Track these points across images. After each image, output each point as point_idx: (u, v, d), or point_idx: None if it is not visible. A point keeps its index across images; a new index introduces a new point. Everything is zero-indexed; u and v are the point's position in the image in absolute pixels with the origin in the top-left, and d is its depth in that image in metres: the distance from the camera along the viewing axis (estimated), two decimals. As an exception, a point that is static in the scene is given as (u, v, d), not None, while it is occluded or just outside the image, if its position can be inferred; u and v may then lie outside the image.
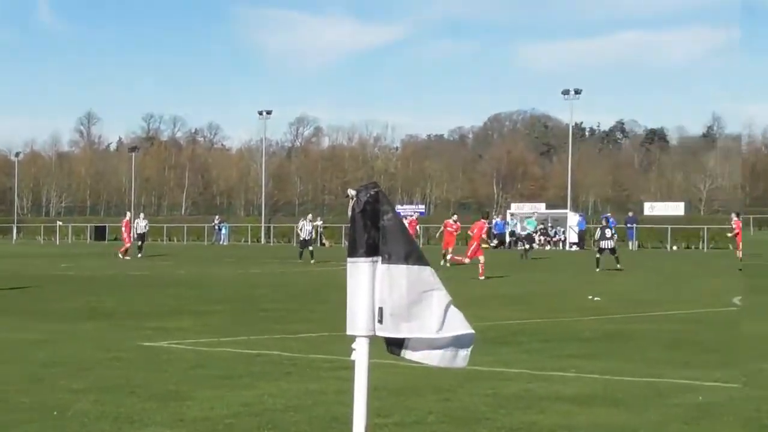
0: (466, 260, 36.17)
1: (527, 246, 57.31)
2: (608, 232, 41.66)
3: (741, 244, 44.15)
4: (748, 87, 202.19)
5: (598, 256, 41.34)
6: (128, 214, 58.62)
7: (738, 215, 49.06)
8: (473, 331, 5.12)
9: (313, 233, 52.05)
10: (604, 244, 41.41)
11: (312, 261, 46.54)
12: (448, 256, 39.93)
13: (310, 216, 53.02)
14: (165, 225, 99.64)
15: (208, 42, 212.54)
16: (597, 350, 15.02)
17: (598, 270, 39.53)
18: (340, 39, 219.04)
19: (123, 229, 55.94)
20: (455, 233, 45.38)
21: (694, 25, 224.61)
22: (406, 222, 43.87)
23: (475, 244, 36.15)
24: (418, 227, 49.48)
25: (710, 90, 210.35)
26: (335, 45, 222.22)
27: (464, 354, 5.18)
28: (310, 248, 48.66)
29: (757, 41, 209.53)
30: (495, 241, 71.83)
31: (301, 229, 50.47)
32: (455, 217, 49.17)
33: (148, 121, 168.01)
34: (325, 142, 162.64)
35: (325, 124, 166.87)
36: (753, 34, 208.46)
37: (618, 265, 39.93)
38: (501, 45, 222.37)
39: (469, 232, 39.82)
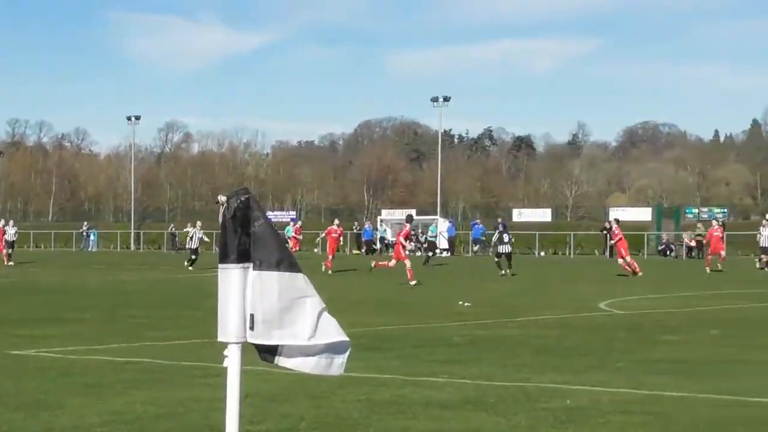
0: (391, 264, 36.23)
1: (430, 253, 57.28)
2: (505, 237, 42.30)
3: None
4: (610, 95, 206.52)
5: (497, 260, 41.96)
6: (1, 221, 57.06)
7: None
8: (348, 339, 5.10)
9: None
10: (501, 248, 42.05)
11: (189, 267, 46.14)
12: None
13: (199, 223, 52.27)
14: (32, 231, 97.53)
15: (76, 46, 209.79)
16: (468, 355, 15.13)
17: (503, 273, 40.15)
18: (211, 44, 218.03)
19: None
20: (339, 238, 45.56)
21: (560, 34, 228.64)
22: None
23: (400, 247, 36.30)
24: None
25: (575, 98, 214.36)
26: (206, 50, 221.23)
27: (340, 362, 5.17)
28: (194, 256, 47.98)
29: (618, 51, 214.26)
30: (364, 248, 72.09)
31: (191, 238, 49.91)
32: (337, 221, 49.34)
33: (13, 126, 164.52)
34: (195, 148, 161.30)
35: (194, 130, 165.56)
36: (614, 44, 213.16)
37: (509, 270, 40.58)
38: (371, 52, 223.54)
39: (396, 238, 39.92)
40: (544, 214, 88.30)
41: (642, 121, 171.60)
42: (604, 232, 69.05)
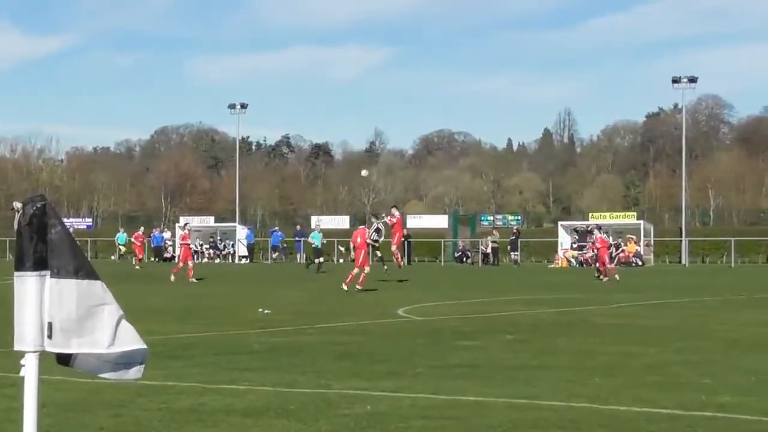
0: (355, 271, 35.77)
1: (321, 260, 56.15)
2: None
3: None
4: (407, 103, 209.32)
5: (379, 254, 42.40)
6: None
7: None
8: (146, 346, 5.02)
9: None
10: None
11: None
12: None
13: None
14: None
15: None
16: (268, 362, 15.08)
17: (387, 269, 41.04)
18: (3, 49, 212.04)
19: None
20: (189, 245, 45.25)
21: (358, 43, 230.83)
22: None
23: (363, 252, 36.16)
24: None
25: (373, 106, 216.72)
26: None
27: (138, 368, 5.07)
28: None
29: (414, 60, 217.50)
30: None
31: None
32: (189, 226, 49.03)
33: None
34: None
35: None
36: (411, 53, 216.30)
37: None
38: (169, 58, 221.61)
39: (352, 242, 39.26)
40: (342, 221, 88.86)
41: (437, 129, 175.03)
42: (402, 239, 70.02)
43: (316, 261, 54.06)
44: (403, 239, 45.07)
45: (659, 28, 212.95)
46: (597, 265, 46.41)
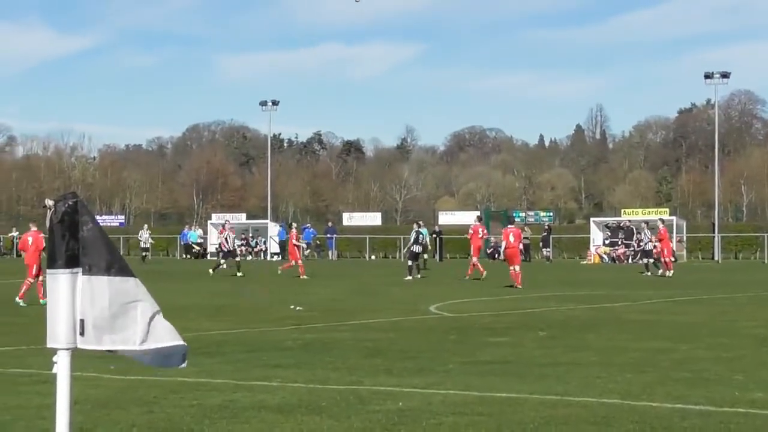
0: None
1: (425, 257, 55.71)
2: (420, 238, 43.53)
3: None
4: (438, 100, 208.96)
5: (410, 263, 42.50)
6: None
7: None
8: (184, 343, 5.03)
9: None
10: (416, 248, 43.16)
11: None
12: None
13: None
14: None
15: None
16: (300, 359, 15.13)
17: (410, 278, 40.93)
18: (36, 46, 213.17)
19: None
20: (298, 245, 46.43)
21: (389, 39, 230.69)
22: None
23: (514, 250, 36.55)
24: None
25: (404, 103, 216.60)
26: (30, 52, 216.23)
27: (179, 357, 5.07)
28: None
29: (445, 56, 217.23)
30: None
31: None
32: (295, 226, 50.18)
33: None
34: (20, 152, 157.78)
35: (19, 133, 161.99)
36: (441, 49, 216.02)
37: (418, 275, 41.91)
38: (199, 55, 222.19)
39: (504, 240, 39.34)
40: (374, 218, 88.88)
41: (469, 125, 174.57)
42: (434, 235, 70.02)
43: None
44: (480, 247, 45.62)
45: (691, 23, 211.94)
46: (662, 259, 45.67)
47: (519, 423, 9.90)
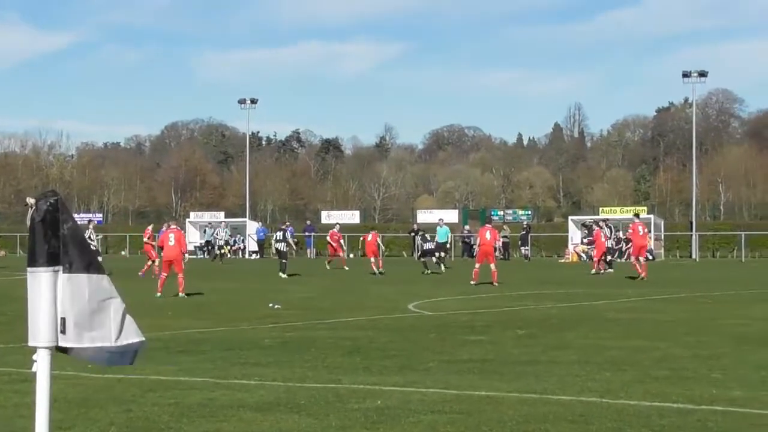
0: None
1: (442, 254, 55.61)
2: (428, 236, 46.22)
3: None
4: (417, 98, 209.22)
5: (424, 259, 44.72)
6: None
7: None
8: (144, 339, 5.05)
9: None
10: (427, 246, 46.00)
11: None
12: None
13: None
14: None
15: None
16: (279, 357, 15.12)
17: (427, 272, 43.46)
18: (13, 44, 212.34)
19: None
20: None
21: (367, 38, 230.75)
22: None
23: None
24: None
25: (382, 101, 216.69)
26: (7, 50, 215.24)
27: (130, 355, 5.10)
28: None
29: (423, 55, 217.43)
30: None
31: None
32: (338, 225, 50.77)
33: None
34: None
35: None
36: (419, 48, 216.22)
37: (440, 268, 44.08)
38: (176, 53, 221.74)
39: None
40: (352, 216, 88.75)
41: (448, 124, 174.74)
42: (412, 234, 70.09)
43: (437, 255, 53.64)
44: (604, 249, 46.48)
45: (669, 22, 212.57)
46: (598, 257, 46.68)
47: (498, 421, 9.92)
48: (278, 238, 44.68)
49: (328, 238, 54.33)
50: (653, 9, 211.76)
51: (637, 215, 45.67)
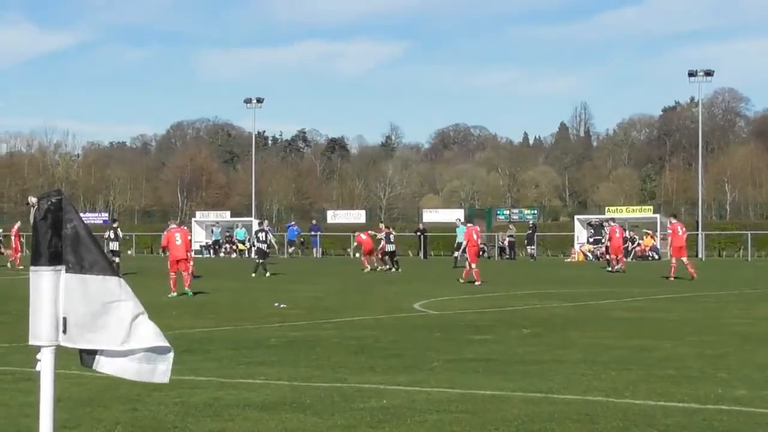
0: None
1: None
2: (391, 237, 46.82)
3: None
4: (422, 97, 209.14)
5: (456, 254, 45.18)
6: None
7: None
8: (169, 344, 5.01)
9: None
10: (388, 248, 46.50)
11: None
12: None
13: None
14: None
15: None
16: (284, 357, 15.12)
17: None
18: (18, 43, 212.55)
19: None
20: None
21: (373, 37, 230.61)
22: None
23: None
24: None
25: (388, 100, 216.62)
26: (13, 49, 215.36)
27: (163, 368, 5.06)
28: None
29: (429, 54, 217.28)
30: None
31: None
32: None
33: None
34: (3, 149, 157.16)
35: (2, 130, 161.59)
36: (425, 47, 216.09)
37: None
38: (184, 53, 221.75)
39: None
40: (358, 216, 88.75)
41: (453, 123, 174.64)
42: (418, 233, 70.13)
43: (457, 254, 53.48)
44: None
45: (675, 21, 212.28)
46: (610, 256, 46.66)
47: (503, 420, 9.91)
48: (261, 238, 44.14)
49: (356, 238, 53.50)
50: (659, 8, 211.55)
51: (674, 216, 44.82)
